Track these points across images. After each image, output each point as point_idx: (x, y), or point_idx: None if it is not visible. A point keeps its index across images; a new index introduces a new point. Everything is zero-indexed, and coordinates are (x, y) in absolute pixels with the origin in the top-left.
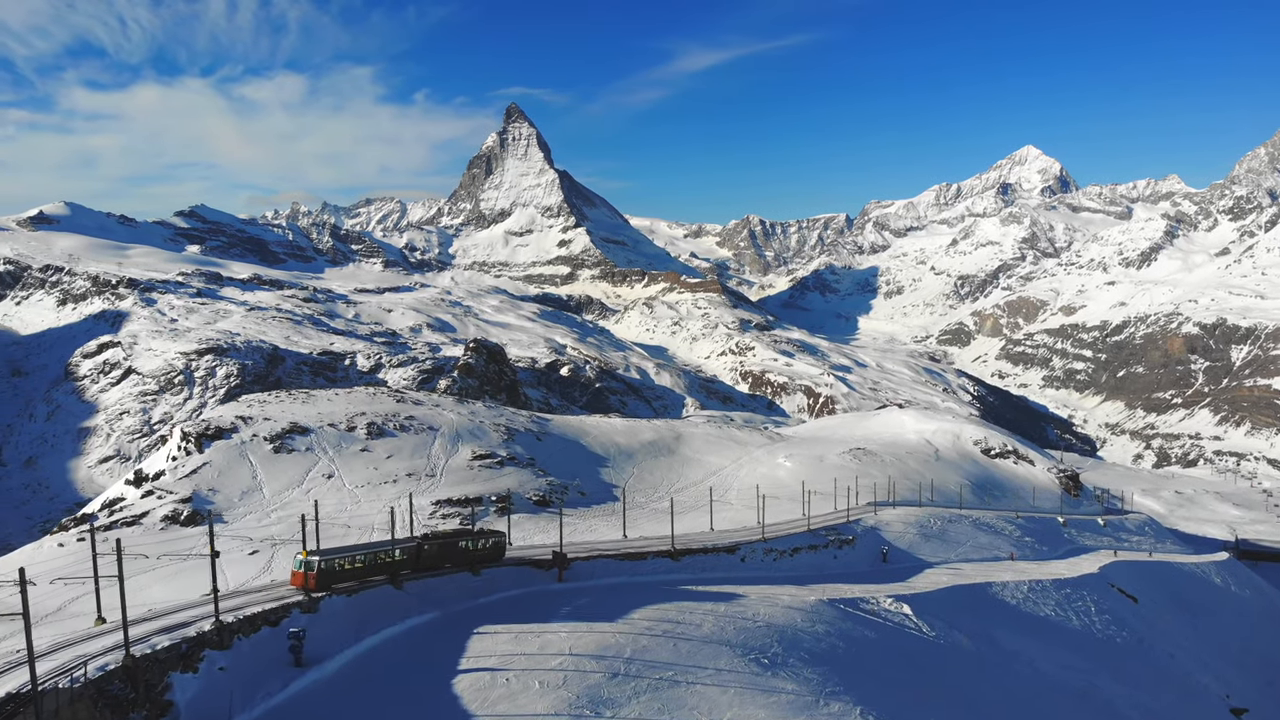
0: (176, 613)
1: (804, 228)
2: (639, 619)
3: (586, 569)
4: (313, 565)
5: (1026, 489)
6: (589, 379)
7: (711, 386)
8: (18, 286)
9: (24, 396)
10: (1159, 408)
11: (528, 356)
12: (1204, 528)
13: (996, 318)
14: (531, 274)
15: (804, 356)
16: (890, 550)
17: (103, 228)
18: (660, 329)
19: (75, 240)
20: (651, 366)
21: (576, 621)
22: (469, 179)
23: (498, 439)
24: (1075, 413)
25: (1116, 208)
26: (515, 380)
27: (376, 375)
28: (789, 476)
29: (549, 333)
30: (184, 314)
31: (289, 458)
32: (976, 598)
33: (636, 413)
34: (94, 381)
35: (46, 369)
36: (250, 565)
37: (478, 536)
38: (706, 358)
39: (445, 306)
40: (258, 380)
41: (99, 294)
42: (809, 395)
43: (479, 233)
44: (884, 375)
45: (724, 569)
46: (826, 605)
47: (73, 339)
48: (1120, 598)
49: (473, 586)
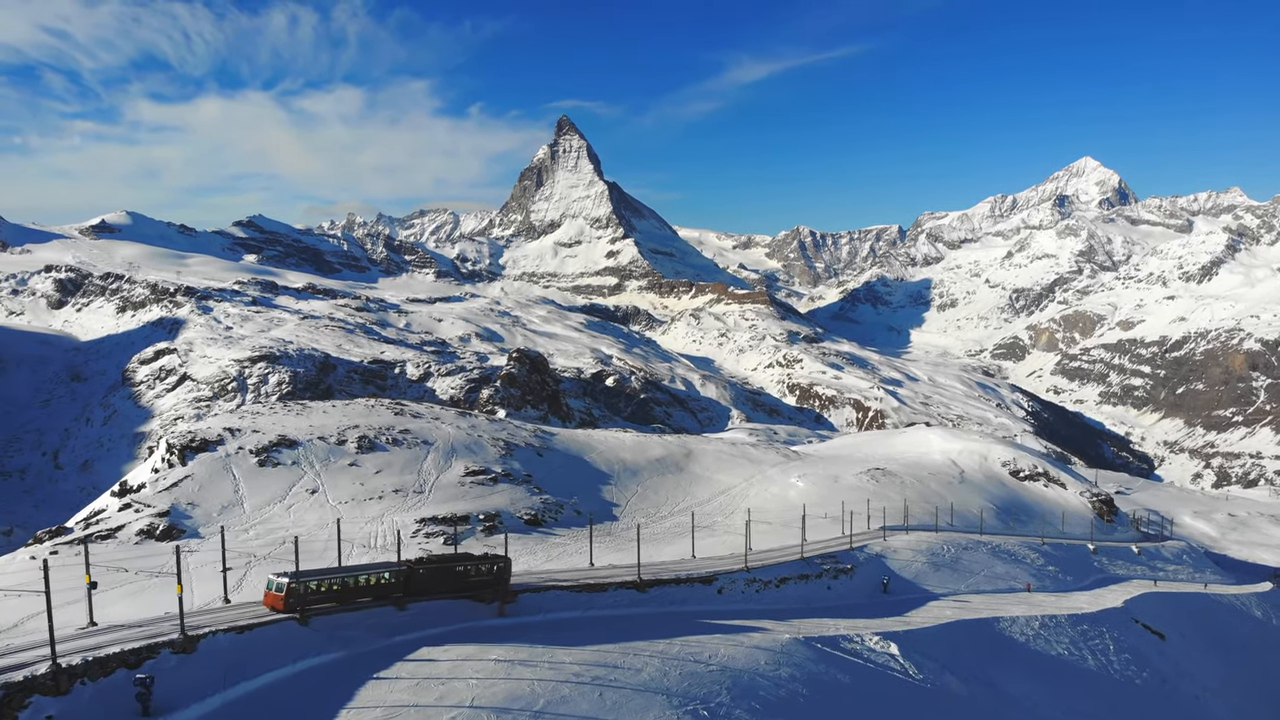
0: (63, 643)
1: (855, 239)
2: (570, 662)
3: (535, 602)
4: (281, 586)
5: (1056, 513)
6: (634, 390)
7: (758, 399)
8: (79, 294)
9: (82, 401)
10: (1219, 426)
11: (573, 367)
12: (1256, 552)
13: (1052, 332)
14: (580, 284)
15: (853, 369)
16: (893, 580)
17: (163, 237)
18: (707, 340)
19: (136, 249)
20: (697, 378)
21: (496, 664)
22: (520, 191)
23: (495, 454)
24: (1132, 430)
25: (1177, 220)
26: (558, 390)
27: (425, 384)
28: (800, 497)
29: (595, 343)
30: (239, 322)
31: (273, 471)
32: (980, 634)
33: (682, 424)
34: (150, 387)
35: (105, 375)
36: (220, 583)
37: (479, 561)
38: (753, 370)
39: (494, 316)
40: (309, 387)
41: (157, 301)
42: (858, 409)
43: (529, 244)
44: (936, 389)
45: (697, 602)
46: (800, 644)
47: (131, 345)
48: (1145, 634)
49: (394, 623)
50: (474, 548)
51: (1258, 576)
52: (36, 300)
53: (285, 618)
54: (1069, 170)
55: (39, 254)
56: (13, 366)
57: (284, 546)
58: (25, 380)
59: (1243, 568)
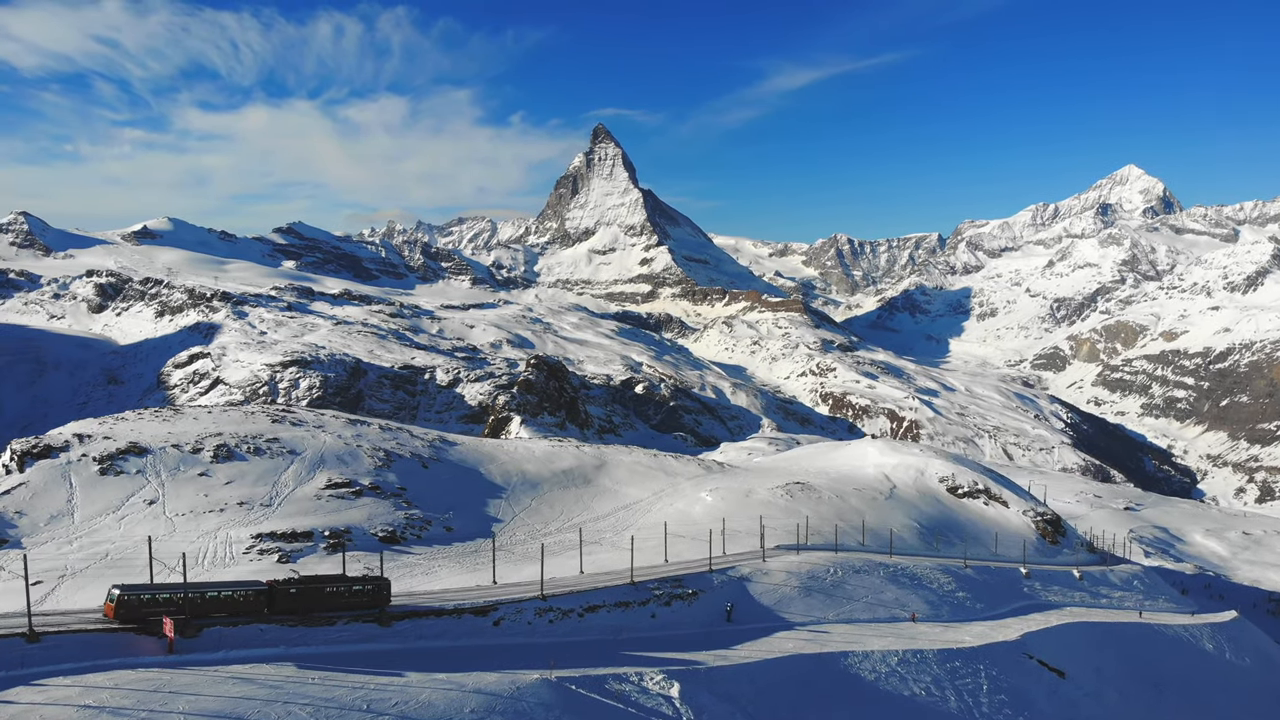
0: None
1: (894, 247)
2: (185, 712)
3: (227, 638)
4: (113, 597)
5: (991, 533)
6: (663, 397)
7: (789, 408)
8: (119, 298)
9: (118, 404)
10: (1264, 439)
11: (603, 373)
12: (1267, 573)
13: (1094, 342)
14: (613, 292)
15: (888, 379)
16: (745, 607)
17: (203, 243)
18: (739, 348)
19: (176, 254)
20: (728, 386)
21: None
22: (555, 199)
23: (370, 465)
24: (1175, 443)
25: (1222, 230)
26: (575, 397)
27: (454, 389)
28: (706, 512)
29: (626, 350)
30: (273, 327)
31: (114, 480)
32: (817, 672)
33: (711, 432)
34: (184, 391)
35: (142, 378)
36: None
37: (353, 581)
38: (786, 378)
39: (526, 323)
40: (339, 392)
41: (194, 306)
42: (892, 419)
43: (563, 251)
44: (972, 400)
45: (457, 636)
46: (546, 687)
47: (167, 349)
48: (1039, 671)
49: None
50: (315, 566)
51: (1249, 603)
52: (77, 304)
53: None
54: (1112, 178)
55: (81, 259)
56: (52, 369)
57: (104, 561)
58: (64, 383)
59: (1238, 592)
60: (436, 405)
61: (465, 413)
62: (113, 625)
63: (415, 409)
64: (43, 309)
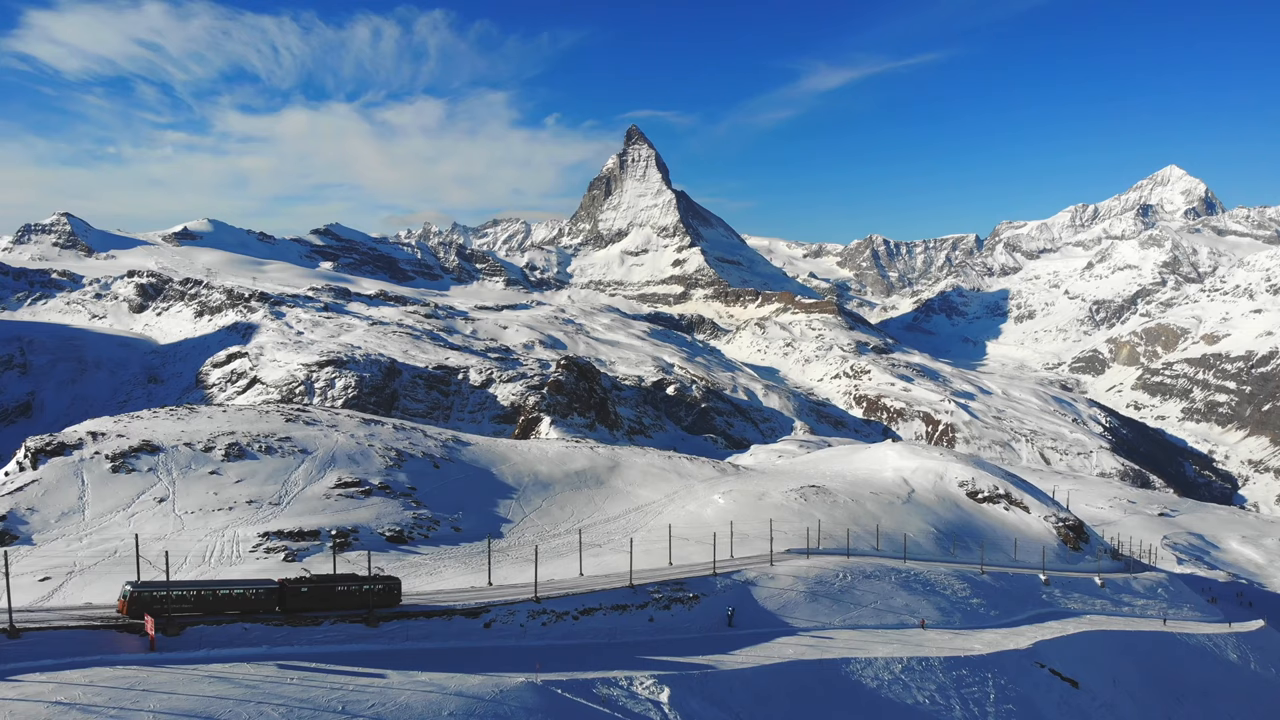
0: None
1: (930, 248)
2: (156, 710)
3: (215, 635)
4: (125, 593)
5: (1011, 539)
6: (695, 399)
7: (822, 410)
8: (159, 298)
9: (157, 403)
10: None
11: (634, 375)
12: None
13: (1133, 345)
14: (645, 293)
15: (924, 381)
16: (749, 612)
17: (242, 244)
18: (772, 350)
19: (216, 255)
20: (760, 388)
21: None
22: (589, 200)
23: (380, 465)
24: (1216, 448)
25: (1265, 231)
26: (605, 398)
27: (487, 390)
28: (717, 515)
29: (657, 351)
30: (310, 327)
31: (126, 478)
32: (816, 678)
33: (742, 434)
34: (221, 390)
35: (180, 377)
36: (36, 593)
37: (363, 580)
38: (819, 380)
39: (558, 324)
40: (374, 392)
41: (232, 307)
42: (927, 422)
43: (596, 252)
44: (1009, 403)
45: (446, 638)
46: (530, 691)
47: (206, 349)
48: (1050, 681)
49: None
50: (321, 565)
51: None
52: (119, 304)
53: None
54: (1153, 179)
55: (123, 259)
56: (93, 368)
57: (112, 558)
58: (105, 381)
59: (1271, 600)
60: (470, 405)
61: (498, 413)
62: (95, 622)
63: (449, 409)
64: (84, 309)
